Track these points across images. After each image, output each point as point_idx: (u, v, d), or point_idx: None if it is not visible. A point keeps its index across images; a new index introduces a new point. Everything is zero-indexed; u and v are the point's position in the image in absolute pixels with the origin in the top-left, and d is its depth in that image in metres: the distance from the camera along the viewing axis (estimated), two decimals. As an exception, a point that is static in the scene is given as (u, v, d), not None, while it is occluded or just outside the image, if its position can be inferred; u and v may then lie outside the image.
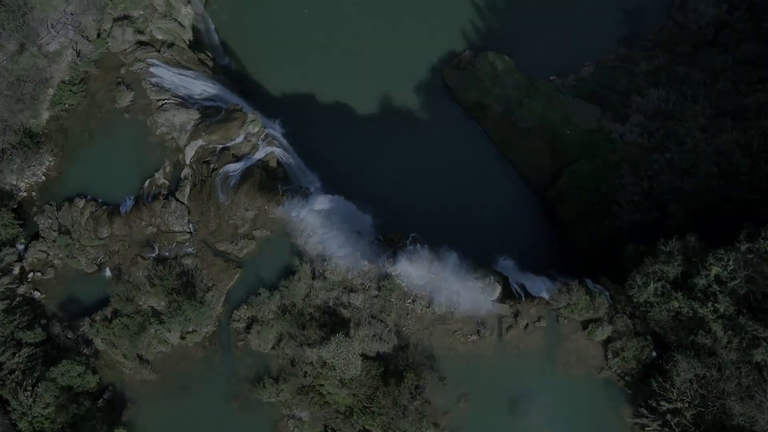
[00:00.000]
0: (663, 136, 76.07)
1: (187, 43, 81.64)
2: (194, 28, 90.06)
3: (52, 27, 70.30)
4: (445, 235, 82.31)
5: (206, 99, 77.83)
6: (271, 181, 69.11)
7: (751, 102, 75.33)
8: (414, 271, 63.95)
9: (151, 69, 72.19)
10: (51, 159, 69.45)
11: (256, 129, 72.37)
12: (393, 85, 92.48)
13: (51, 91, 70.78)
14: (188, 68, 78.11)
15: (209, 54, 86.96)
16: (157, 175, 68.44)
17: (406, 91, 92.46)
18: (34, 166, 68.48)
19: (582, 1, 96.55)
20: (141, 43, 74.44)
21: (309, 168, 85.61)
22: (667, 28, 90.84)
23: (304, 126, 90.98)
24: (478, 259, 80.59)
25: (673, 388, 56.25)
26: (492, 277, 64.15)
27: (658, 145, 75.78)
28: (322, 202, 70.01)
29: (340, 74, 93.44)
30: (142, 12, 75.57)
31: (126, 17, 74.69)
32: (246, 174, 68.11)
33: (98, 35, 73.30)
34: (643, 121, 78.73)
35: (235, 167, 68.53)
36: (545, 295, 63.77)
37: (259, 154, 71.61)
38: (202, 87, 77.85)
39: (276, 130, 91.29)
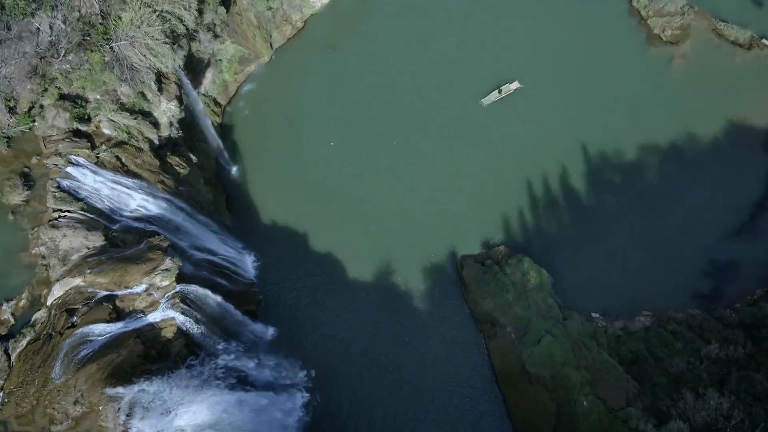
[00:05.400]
0: (709, 472, 52.39)
1: (154, 143, 65.76)
2: (194, 126, 76.08)
3: (-26, 86, 56.51)
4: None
5: (139, 218, 61.04)
6: (144, 365, 49.86)
7: None
8: None
9: (69, 169, 56.03)
10: None
11: (166, 282, 54.24)
12: (401, 264, 76.20)
13: (-60, 161, 56.13)
14: (136, 175, 62.07)
15: (187, 160, 71.37)
16: (5, 306, 50.96)
17: (414, 274, 75.53)
18: None
19: (664, 232, 75.36)
20: (76, 133, 58.84)
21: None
22: (759, 304, 67.25)
23: (279, 269, 75.29)
24: None
25: None
26: None
27: (699, 481, 52.17)
28: (204, 412, 49.76)
29: (344, 229, 78.28)
30: (98, 96, 60.44)
31: (77, 97, 59.82)
32: (110, 345, 49.25)
33: (30, 109, 58.51)
34: (686, 432, 55.42)
35: (102, 330, 49.87)
36: None
37: (154, 317, 52.95)
38: (140, 202, 61.34)
39: (246, 262, 76.38)
